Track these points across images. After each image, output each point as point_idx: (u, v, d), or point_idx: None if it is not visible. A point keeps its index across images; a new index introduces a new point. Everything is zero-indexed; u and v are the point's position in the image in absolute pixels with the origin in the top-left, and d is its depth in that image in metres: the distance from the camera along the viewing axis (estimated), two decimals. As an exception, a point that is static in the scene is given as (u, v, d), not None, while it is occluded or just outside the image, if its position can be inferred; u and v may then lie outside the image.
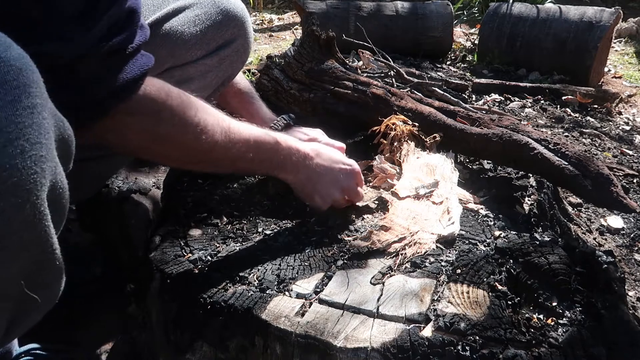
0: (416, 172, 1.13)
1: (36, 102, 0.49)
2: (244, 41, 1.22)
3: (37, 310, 0.60)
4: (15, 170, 0.46)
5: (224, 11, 1.17)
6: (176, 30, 1.09)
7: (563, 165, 1.10)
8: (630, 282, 1.37)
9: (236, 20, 1.19)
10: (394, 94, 1.35)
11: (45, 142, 0.49)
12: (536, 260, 0.83)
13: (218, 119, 0.86)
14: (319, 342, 0.71)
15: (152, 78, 0.76)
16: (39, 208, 0.49)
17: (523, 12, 3.12)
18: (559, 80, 2.92)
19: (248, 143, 0.91)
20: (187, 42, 1.11)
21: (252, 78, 2.22)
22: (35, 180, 0.48)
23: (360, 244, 0.91)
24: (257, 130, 0.95)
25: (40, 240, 0.52)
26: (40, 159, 0.48)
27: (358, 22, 2.95)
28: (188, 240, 0.95)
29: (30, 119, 0.48)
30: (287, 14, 5.72)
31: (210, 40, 1.15)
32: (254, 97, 1.34)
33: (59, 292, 0.61)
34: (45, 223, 0.51)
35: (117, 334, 1.16)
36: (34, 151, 0.48)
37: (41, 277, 0.56)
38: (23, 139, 0.47)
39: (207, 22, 1.14)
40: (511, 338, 0.70)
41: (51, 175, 0.51)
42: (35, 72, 0.50)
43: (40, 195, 0.49)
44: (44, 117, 0.50)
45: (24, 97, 0.48)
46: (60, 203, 0.54)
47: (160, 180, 1.43)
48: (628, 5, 5.52)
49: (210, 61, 1.17)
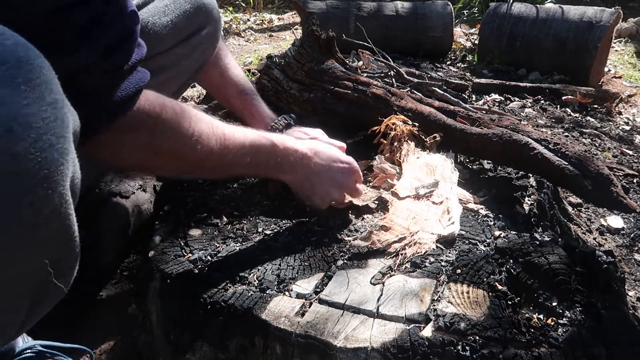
0: (416, 172, 1.13)
1: (58, 98, 0.52)
2: (213, 28, 1.25)
3: (51, 301, 0.60)
4: (45, 163, 0.48)
5: (192, 0, 1.18)
6: (147, 21, 1.10)
7: (563, 165, 1.10)
8: (630, 282, 1.37)
9: (204, 7, 1.22)
10: (394, 94, 1.35)
11: (67, 136, 0.52)
12: (536, 260, 0.83)
13: (212, 126, 0.86)
14: (319, 342, 0.71)
15: (146, 91, 0.76)
16: (64, 197, 0.52)
17: (523, 12, 3.12)
18: (559, 80, 2.92)
19: (244, 148, 0.91)
20: (158, 32, 1.12)
21: (252, 78, 2.22)
22: (61, 172, 0.51)
23: (360, 244, 0.91)
24: (253, 134, 0.95)
25: (66, 228, 0.54)
26: (64, 151, 0.51)
27: (358, 22, 2.95)
28: (188, 240, 0.95)
29: (54, 114, 0.50)
30: (287, 14, 5.72)
31: (180, 30, 1.17)
32: (256, 97, 1.35)
33: (72, 280, 0.62)
34: (69, 212, 0.54)
35: (117, 334, 1.16)
36: (59, 144, 0.50)
37: (64, 265, 0.57)
38: (50, 133, 0.49)
39: (177, 12, 1.16)
40: (511, 338, 0.70)
41: (72, 166, 0.54)
42: (51, 70, 0.52)
43: (65, 185, 0.52)
44: (65, 112, 0.53)
45: (46, 93, 0.50)
46: (75, 192, 0.57)
47: (147, 183, 1.42)
48: (628, 5, 5.52)
49: (182, 50, 1.18)
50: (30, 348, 0.85)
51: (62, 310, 0.72)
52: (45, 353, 0.86)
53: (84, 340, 0.94)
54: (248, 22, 5.25)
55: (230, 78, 1.33)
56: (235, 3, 6.09)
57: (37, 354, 0.85)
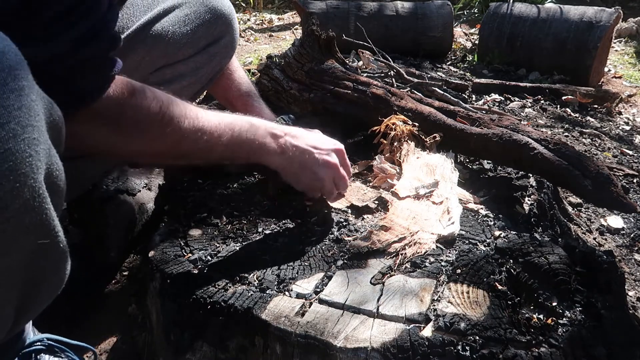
0: (416, 172, 1.13)
1: (23, 84, 0.48)
2: (231, 37, 1.26)
3: (44, 296, 0.60)
4: (9, 154, 0.45)
5: (212, 9, 1.19)
6: (167, 31, 1.10)
7: (563, 165, 1.10)
8: (630, 282, 1.37)
9: (224, 17, 1.22)
10: (394, 94, 1.35)
11: (36, 125, 0.49)
12: (536, 260, 0.83)
13: (185, 109, 0.86)
14: (319, 342, 0.71)
15: (118, 77, 0.77)
16: (37, 191, 0.49)
17: (523, 12, 3.12)
18: (559, 80, 2.92)
19: (219, 127, 0.90)
20: (178, 41, 1.12)
21: (252, 78, 2.22)
22: (30, 164, 0.47)
23: (360, 244, 0.91)
24: (229, 116, 0.95)
25: (42, 223, 0.52)
26: (33, 141, 0.48)
27: (358, 22, 2.95)
28: (188, 240, 0.95)
29: (19, 102, 0.47)
30: (287, 14, 5.72)
31: (200, 39, 1.17)
32: (258, 99, 1.36)
33: (65, 278, 0.61)
34: (45, 206, 0.51)
35: (117, 334, 1.16)
36: (26, 134, 0.47)
37: (47, 262, 0.56)
38: (14, 122, 0.46)
39: (197, 21, 1.16)
40: (511, 338, 0.70)
41: (46, 157, 0.50)
42: (18, 54, 0.49)
43: (37, 178, 0.48)
44: (32, 99, 0.49)
45: (9, 79, 0.47)
46: (57, 185, 0.54)
47: (152, 181, 1.42)
48: (628, 5, 5.52)
49: (201, 58, 1.19)
50: (40, 340, 0.85)
51: (65, 306, 0.72)
52: (54, 347, 0.86)
53: (84, 339, 0.94)
54: (248, 22, 5.25)
55: (233, 79, 1.34)
56: (235, 3, 6.09)
57: (47, 347, 0.86)
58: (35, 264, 0.53)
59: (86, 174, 1.12)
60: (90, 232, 1.31)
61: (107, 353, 1.12)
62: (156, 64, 1.12)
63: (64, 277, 0.61)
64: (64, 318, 1.07)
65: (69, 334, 0.90)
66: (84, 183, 1.16)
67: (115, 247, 1.29)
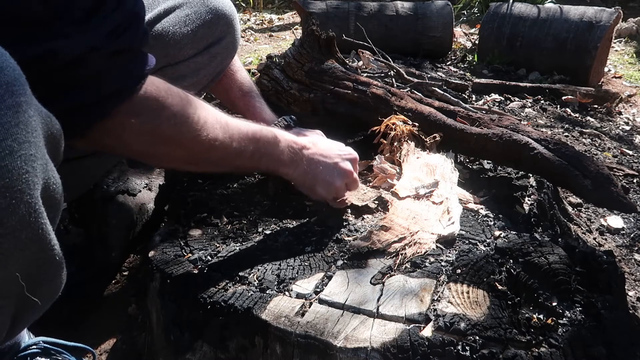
0: (416, 172, 1.13)
1: (21, 100, 0.48)
2: (232, 38, 1.25)
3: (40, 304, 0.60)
4: (6, 172, 0.45)
5: (213, 10, 1.18)
6: (168, 31, 1.10)
7: (563, 165, 1.10)
8: (630, 282, 1.37)
9: (225, 18, 1.21)
10: (394, 94, 1.35)
11: (33, 141, 0.48)
12: (536, 260, 0.83)
13: (216, 116, 0.86)
14: (319, 342, 0.71)
15: (152, 77, 0.76)
16: (33, 207, 0.49)
17: (523, 12, 3.12)
18: (559, 80, 2.92)
19: (247, 137, 0.90)
20: (179, 41, 1.12)
21: (252, 78, 2.22)
22: (27, 180, 0.47)
23: (360, 244, 0.91)
24: (254, 125, 0.95)
25: (39, 238, 0.51)
26: (30, 157, 0.47)
27: (358, 22, 2.96)
28: (188, 240, 0.95)
29: (16, 118, 0.46)
30: (287, 14, 5.72)
31: (201, 39, 1.17)
32: (259, 99, 1.36)
33: (61, 285, 0.61)
34: (41, 221, 0.51)
35: (117, 334, 1.16)
36: (23, 150, 0.47)
37: (42, 274, 0.56)
38: (11, 139, 0.46)
39: (198, 22, 1.16)
40: (511, 338, 0.70)
41: (43, 173, 0.50)
42: (16, 69, 0.49)
43: (33, 194, 0.48)
44: (30, 115, 0.49)
45: (7, 96, 0.46)
46: (54, 199, 0.54)
47: (153, 181, 1.43)
48: (628, 5, 5.52)
49: (202, 59, 1.19)
50: (35, 344, 0.85)
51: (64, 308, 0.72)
52: (50, 350, 0.86)
53: (84, 340, 0.94)
54: (248, 22, 5.25)
55: (235, 79, 1.34)
56: (235, 3, 6.08)
57: (42, 350, 0.85)
58: (31, 275, 0.53)
59: (87, 174, 1.12)
60: (91, 232, 1.31)
61: (107, 353, 1.12)
62: (158, 64, 1.12)
63: (60, 286, 0.61)
64: (63, 320, 1.07)
65: (67, 335, 0.90)
66: (85, 183, 1.16)
67: (115, 247, 1.30)
